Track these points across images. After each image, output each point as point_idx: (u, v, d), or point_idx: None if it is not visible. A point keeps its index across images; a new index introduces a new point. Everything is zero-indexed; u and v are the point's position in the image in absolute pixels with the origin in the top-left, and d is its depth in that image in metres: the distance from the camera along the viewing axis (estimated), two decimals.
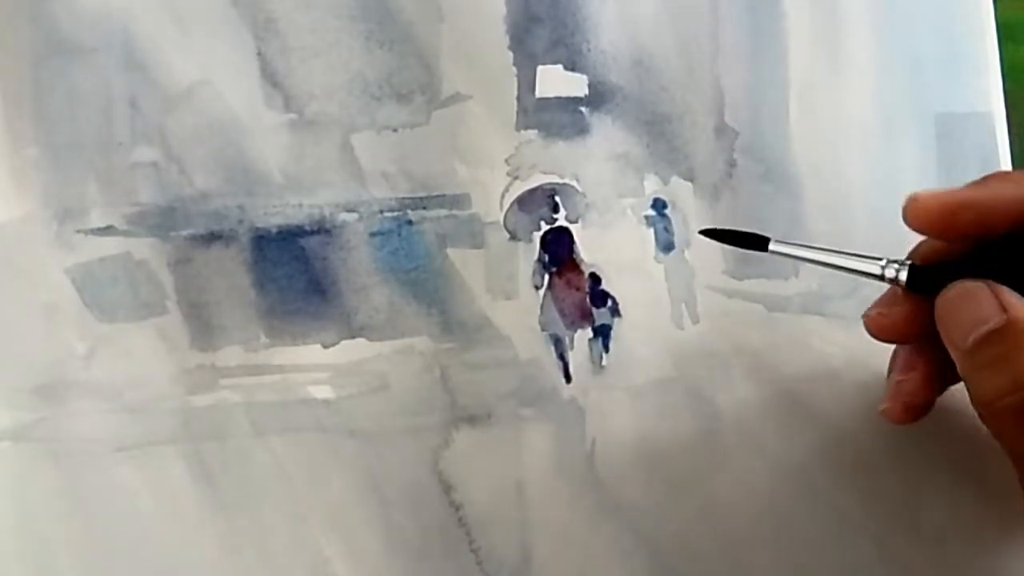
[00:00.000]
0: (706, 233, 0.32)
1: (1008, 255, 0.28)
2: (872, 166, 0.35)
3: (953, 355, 0.28)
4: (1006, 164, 0.35)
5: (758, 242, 0.30)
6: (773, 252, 0.30)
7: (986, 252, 0.28)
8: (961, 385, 0.28)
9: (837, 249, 0.30)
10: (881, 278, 0.29)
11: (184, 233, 0.33)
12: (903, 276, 0.29)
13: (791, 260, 0.32)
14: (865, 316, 0.30)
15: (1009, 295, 0.27)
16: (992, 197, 0.28)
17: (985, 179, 0.29)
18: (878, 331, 0.30)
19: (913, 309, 0.29)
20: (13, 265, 0.32)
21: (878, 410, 0.31)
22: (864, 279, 0.30)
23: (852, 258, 0.30)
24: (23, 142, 0.32)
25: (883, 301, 0.30)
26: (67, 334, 0.32)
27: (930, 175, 0.35)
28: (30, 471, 0.32)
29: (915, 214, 0.28)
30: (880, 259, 0.29)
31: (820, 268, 0.31)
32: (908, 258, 0.30)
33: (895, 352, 0.32)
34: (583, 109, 0.34)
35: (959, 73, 0.35)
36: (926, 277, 0.29)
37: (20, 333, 0.32)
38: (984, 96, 0.35)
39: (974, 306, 0.27)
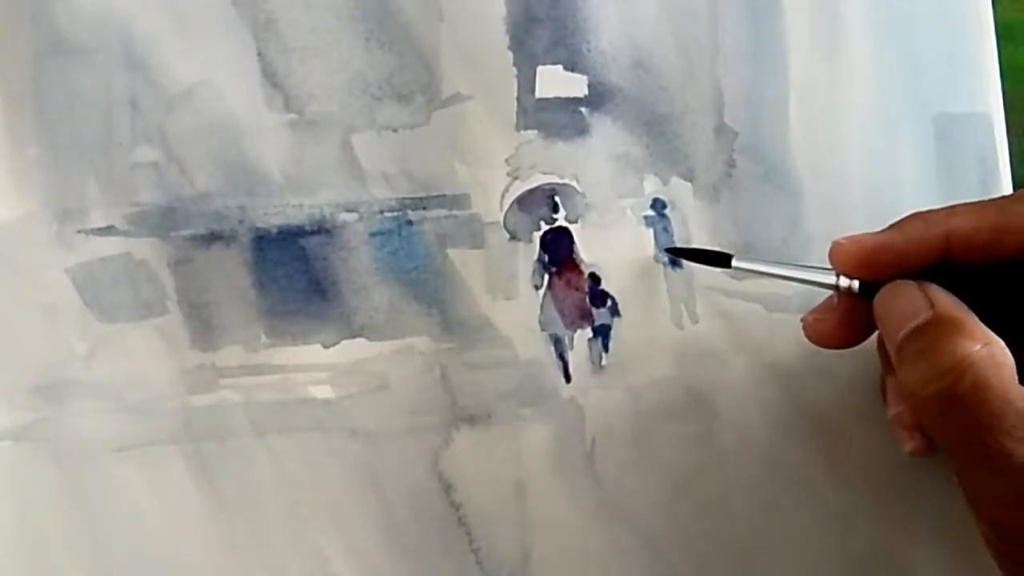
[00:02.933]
0: (671, 251, 0.34)
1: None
2: (871, 166, 0.35)
3: (890, 351, 0.29)
4: (1004, 164, 0.35)
5: (721, 259, 0.32)
6: (736, 268, 0.32)
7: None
8: None
9: (795, 263, 0.32)
10: (836, 288, 0.30)
11: (184, 233, 0.33)
12: (855, 286, 0.30)
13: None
14: (803, 321, 0.32)
15: (935, 291, 0.28)
16: (905, 240, 0.29)
17: (901, 221, 0.30)
18: (816, 336, 0.32)
19: (846, 315, 0.31)
20: (13, 265, 0.32)
21: (905, 452, 0.32)
22: None
23: (809, 271, 0.31)
24: (23, 142, 0.32)
25: (820, 308, 0.32)
26: (67, 334, 0.32)
27: (929, 175, 0.35)
28: (30, 471, 0.32)
29: (838, 258, 0.30)
30: (833, 270, 0.30)
31: None
32: None
33: (884, 387, 0.32)
34: (583, 109, 0.34)
35: (958, 73, 0.35)
36: (875, 287, 0.30)
37: (20, 333, 0.32)
38: (983, 97, 0.35)
39: (904, 303, 0.28)
